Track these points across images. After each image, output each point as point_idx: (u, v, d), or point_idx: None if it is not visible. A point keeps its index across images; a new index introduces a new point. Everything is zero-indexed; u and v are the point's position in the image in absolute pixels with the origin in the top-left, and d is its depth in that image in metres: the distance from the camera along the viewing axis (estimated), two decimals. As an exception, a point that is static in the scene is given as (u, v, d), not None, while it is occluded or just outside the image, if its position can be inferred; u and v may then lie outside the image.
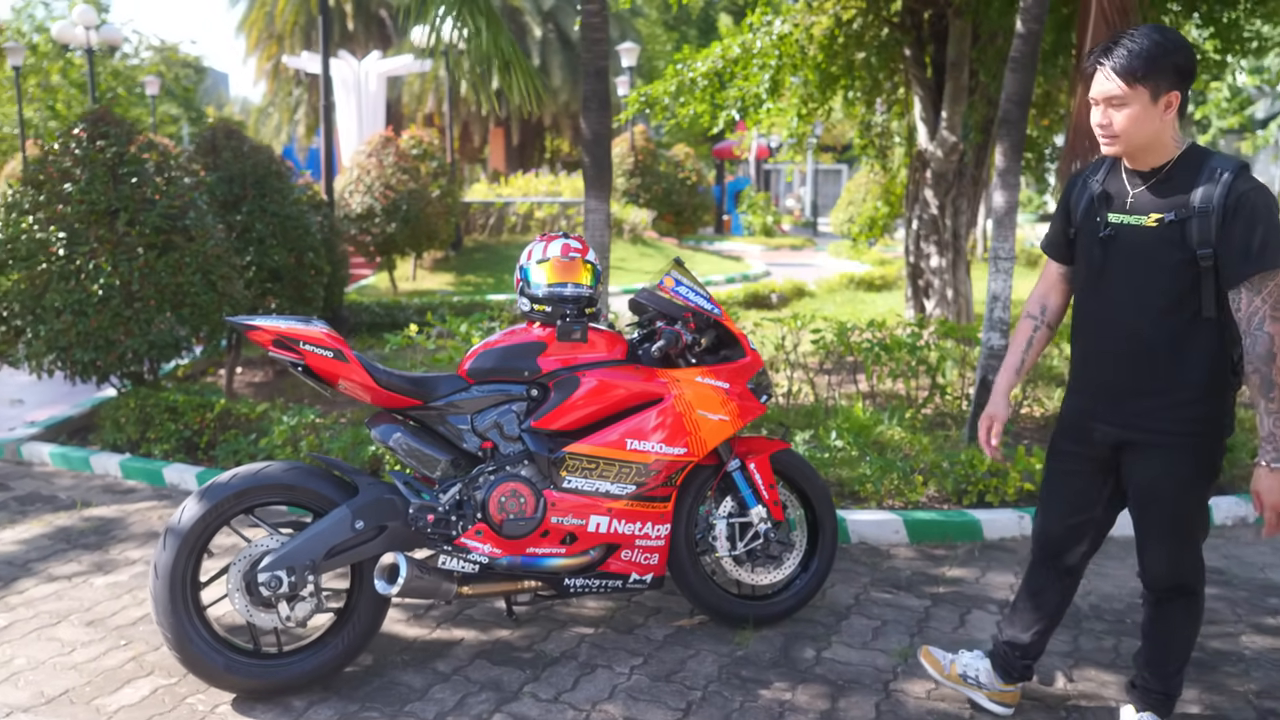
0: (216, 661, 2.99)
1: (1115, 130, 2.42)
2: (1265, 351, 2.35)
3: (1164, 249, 2.43)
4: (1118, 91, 2.38)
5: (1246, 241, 2.34)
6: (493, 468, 3.23)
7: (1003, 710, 2.96)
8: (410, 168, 12.92)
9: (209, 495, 3.02)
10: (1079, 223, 2.62)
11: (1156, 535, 2.64)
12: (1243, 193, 2.35)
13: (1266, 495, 2.42)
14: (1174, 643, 2.72)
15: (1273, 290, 2.35)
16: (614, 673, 3.25)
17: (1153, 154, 2.46)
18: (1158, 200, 2.46)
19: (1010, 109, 5.34)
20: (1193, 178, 2.42)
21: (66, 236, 5.25)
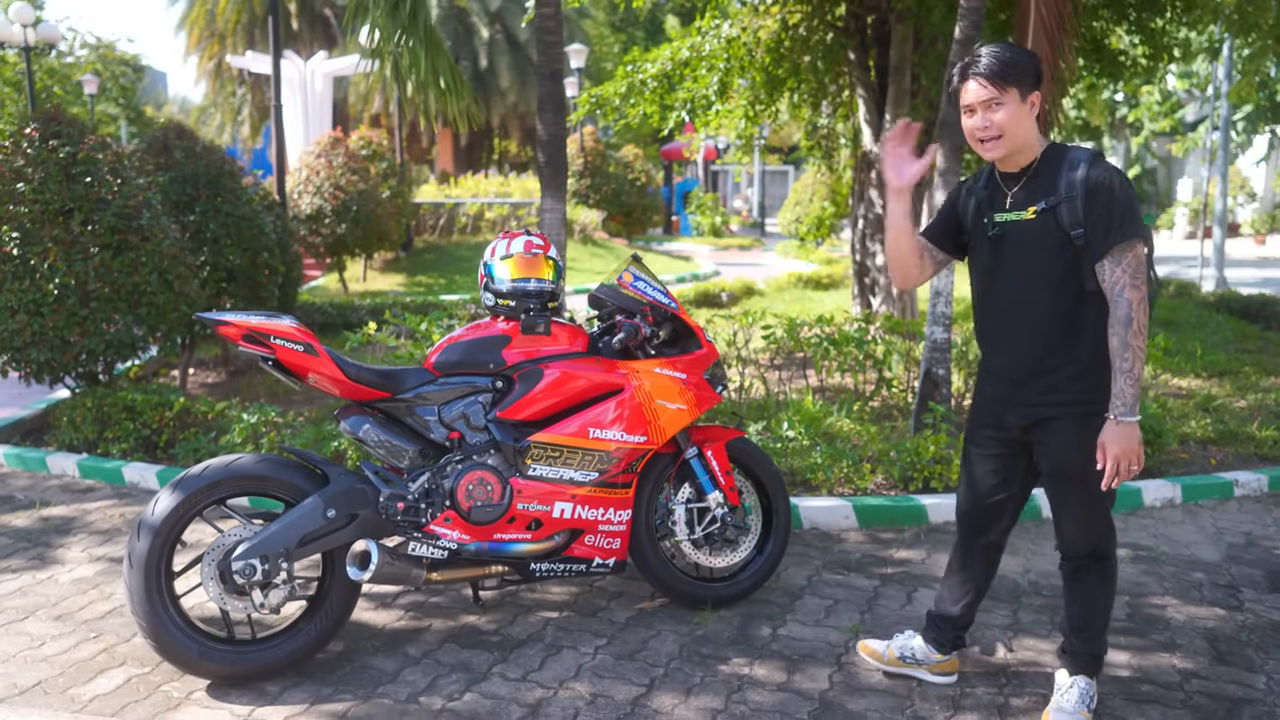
0: (191, 649, 3.06)
1: (997, 130, 2.65)
2: (1124, 316, 2.57)
3: (1044, 236, 2.67)
4: (990, 95, 2.64)
5: (1106, 218, 2.58)
6: (460, 457, 3.34)
7: (945, 679, 3.15)
8: (360, 168, 12.90)
9: (182, 487, 3.09)
10: (970, 229, 2.86)
11: (1069, 504, 2.83)
12: (1099, 176, 2.61)
13: (1110, 446, 2.58)
14: (1095, 606, 2.90)
15: (1131, 260, 2.59)
16: (579, 653, 3.37)
17: (1023, 154, 2.71)
18: (1032, 194, 2.70)
19: (950, 112, 5.55)
20: (1057, 170, 2.67)
21: (20, 236, 5.24)
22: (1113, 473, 2.60)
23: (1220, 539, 4.43)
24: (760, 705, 3.04)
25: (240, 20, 26.79)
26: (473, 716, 2.98)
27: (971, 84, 2.67)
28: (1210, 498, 4.91)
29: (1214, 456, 5.42)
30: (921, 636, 3.16)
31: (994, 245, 2.77)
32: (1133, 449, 2.58)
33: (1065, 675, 2.95)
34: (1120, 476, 2.60)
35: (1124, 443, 2.58)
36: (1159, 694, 3.10)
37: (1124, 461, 2.59)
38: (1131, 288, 2.57)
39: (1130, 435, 2.58)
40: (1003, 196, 2.77)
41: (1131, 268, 2.58)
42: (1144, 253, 2.61)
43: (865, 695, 3.10)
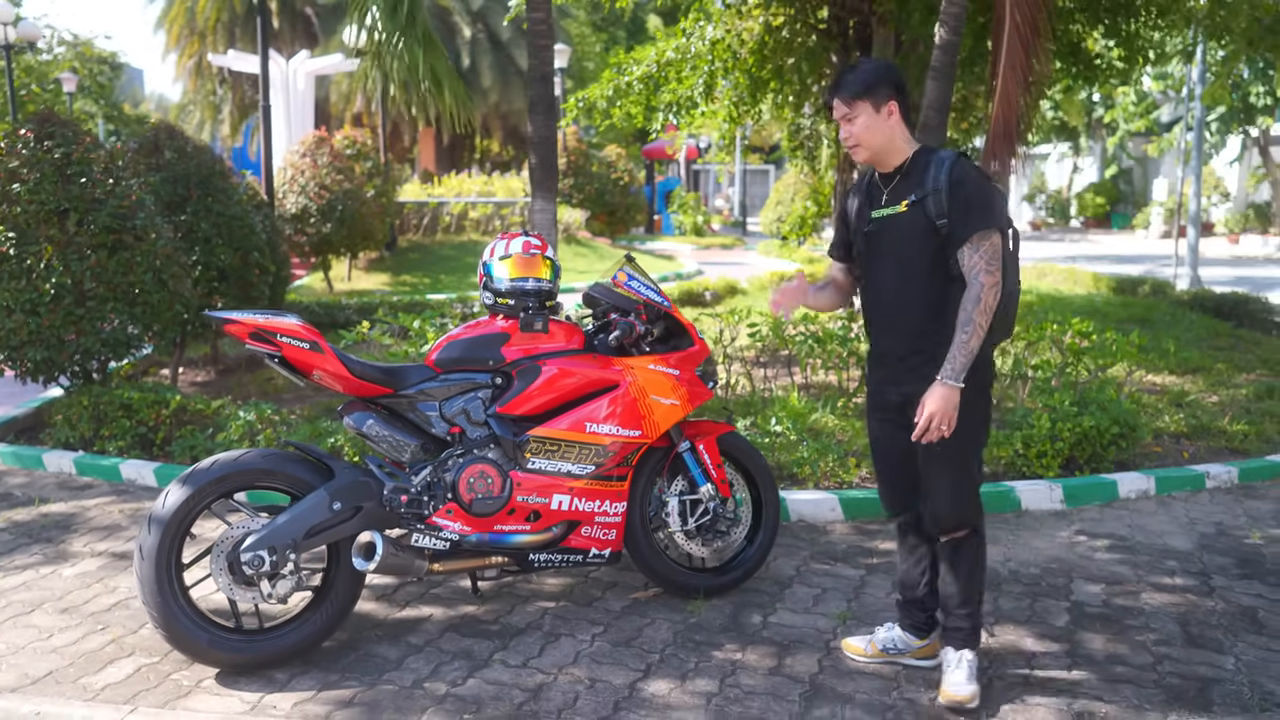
0: (201, 638, 3.15)
1: (855, 139, 2.94)
2: (975, 294, 2.81)
3: (914, 226, 2.92)
4: (847, 110, 2.93)
5: (966, 209, 2.83)
6: (461, 451, 3.44)
7: (930, 663, 3.28)
8: (345, 168, 12.94)
9: (191, 481, 3.18)
10: (854, 225, 3.13)
11: (939, 479, 3.00)
12: (960, 172, 2.86)
13: (930, 404, 2.80)
14: (970, 580, 3.06)
15: (988, 249, 2.82)
16: (577, 640, 3.48)
17: (892, 156, 2.97)
18: (904, 191, 2.95)
19: (931, 115, 5.71)
20: (925, 168, 2.91)
21: (16, 236, 5.29)
22: (924, 428, 2.81)
23: (1192, 529, 4.59)
24: (753, 689, 3.16)
25: (220, 18, 26.66)
26: (476, 701, 3.08)
27: (833, 101, 2.96)
28: (1183, 489, 5.07)
29: (1186, 450, 5.58)
30: (900, 626, 3.30)
31: (872, 239, 3.03)
32: (948, 411, 2.79)
33: (953, 651, 3.07)
34: (929, 434, 2.81)
35: (942, 404, 2.79)
36: (1133, 675, 3.24)
37: (937, 419, 2.79)
38: (986, 272, 2.81)
39: (950, 399, 2.79)
40: (879, 194, 3.02)
41: (988, 255, 2.82)
42: (1000, 243, 2.83)
43: (853, 678, 3.23)
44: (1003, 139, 5.30)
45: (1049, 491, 4.85)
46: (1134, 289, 12.79)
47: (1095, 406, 5.18)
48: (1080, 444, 5.08)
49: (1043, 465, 5.02)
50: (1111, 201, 33.21)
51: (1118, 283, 13.22)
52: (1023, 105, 5.20)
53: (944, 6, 5.41)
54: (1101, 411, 5.12)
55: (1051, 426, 5.04)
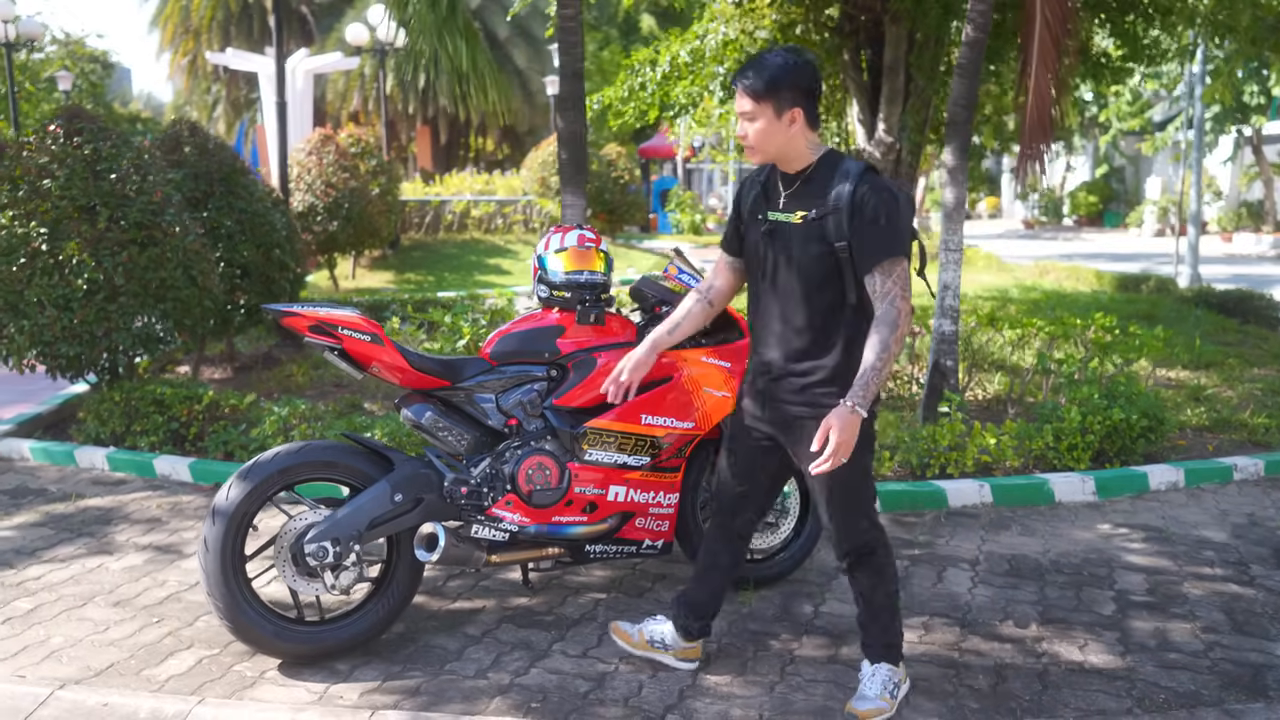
0: (266, 630, 3.16)
1: (750, 141, 2.77)
2: (892, 320, 2.65)
3: (808, 243, 2.75)
4: (747, 108, 2.73)
5: (874, 235, 2.66)
6: (518, 443, 3.46)
7: (687, 665, 3.21)
8: (350, 166, 12.92)
9: (254, 473, 3.20)
10: (746, 219, 2.94)
11: (828, 507, 2.92)
12: (865, 194, 2.68)
13: (836, 430, 2.58)
14: (875, 599, 3.00)
15: (900, 275, 2.68)
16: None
17: (792, 161, 2.79)
18: (801, 200, 2.78)
19: (957, 111, 5.75)
20: (828, 180, 2.74)
21: (48, 232, 5.28)
22: (828, 455, 2.60)
23: (1225, 520, 4.64)
24: (814, 677, 3.19)
25: (215, 17, 26.62)
26: (541, 691, 3.10)
27: (738, 92, 2.77)
28: (1211, 481, 5.13)
29: (1211, 443, 5.64)
30: (672, 623, 3.21)
31: (765, 241, 2.85)
32: (851, 439, 2.62)
33: (867, 664, 3.02)
34: (832, 462, 2.60)
35: (848, 431, 2.60)
36: (1187, 661, 3.28)
37: (842, 448, 2.60)
38: (903, 299, 2.67)
39: (854, 425, 2.62)
40: (778, 195, 2.84)
41: (901, 281, 2.68)
42: (908, 267, 2.71)
43: (912, 665, 3.25)
44: (1037, 132, 5.35)
45: (1081, 484, 4.90)
46: (1137, 286, 12.88)
47: (1123, 400, 5.23)
48: (1110, 437, 5.13)
49: (1073, 458, 5.07)
50: (1104, 200, 33.41)
51: (1120, 280, 13.31)
52: (1053, 99, 5.25)
53: (971, 4, 5.45)
54: (1130, 404, 5.18)
55: (1082, 419, 5.09)
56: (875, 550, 3.00)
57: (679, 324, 3.15)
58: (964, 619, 3.62)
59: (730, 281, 3.11)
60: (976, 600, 3.77)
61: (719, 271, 3.14)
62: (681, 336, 3.17)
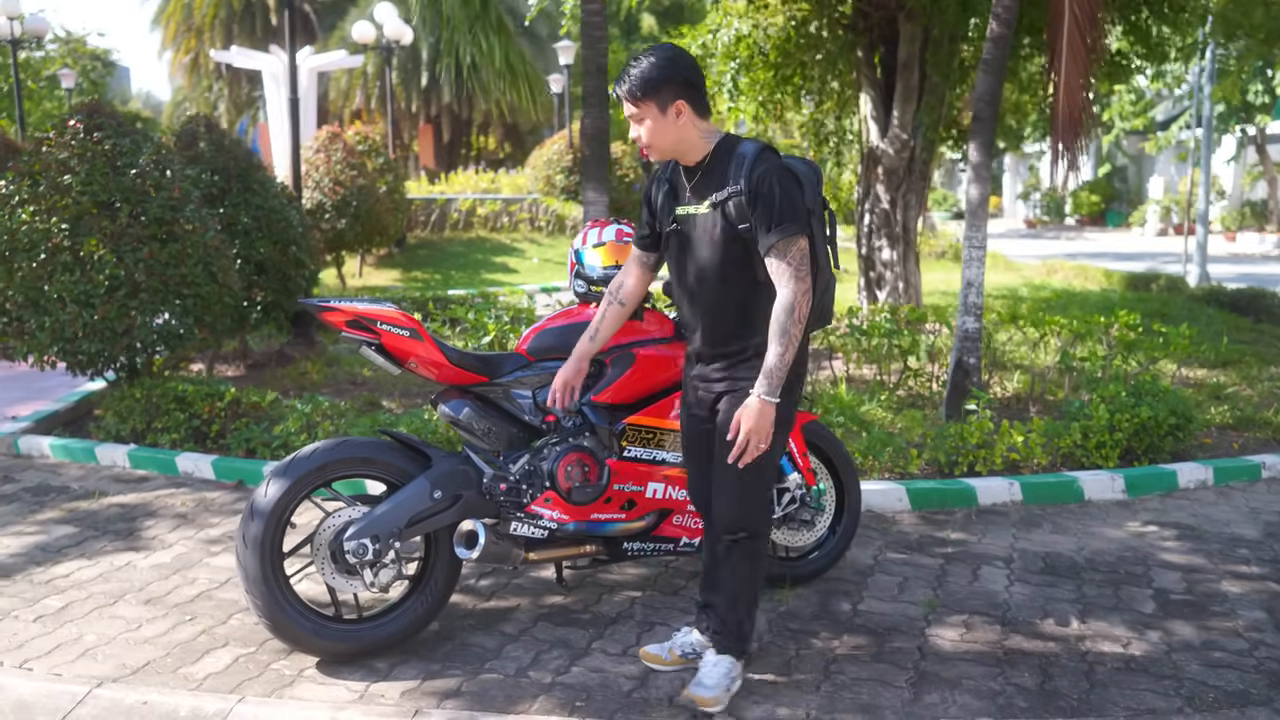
0: (305, 627, 3.13)
1: (644, 142, 2.83)
2: (787, 303, 2.70)
3: (715, 230, 2.81)
4: (633, 110, 2.80)
5: (768, 215, 2.71)
6: (557, 439, 3.43)
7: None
8: (357, 163, 12.88)
9: (292, 469, 3.16)
10: (660, 216, 3.01)
11: (729, 485, 2.91)
12: (760, 174, 2.73)
13: (746, 421, 2.69)
14: (742, 585, 2.98)
15: (795, 254, 2.72)
16: (671, 629, 3.47)
17: (688, 152, 2.84)
18: (704, 189, 2.84)
19: (981, 107, 5.72)
20: (726, 165, 2.80)
21: (69, 228, 5.24)
22: (742, 446, 2.68)
23: (1256, 518, 4.62)
24: (859, 676, 3.16)
25: (218, 15, 26.56)
26: (584, 689, 3.07)
27: (623, 100, 2.82)
28: (1240, 480, 5.11)
29: (1236, 441, 5.62)
30: (697, 629, 3.16)
31: (677, 237, 2.93)
32: (765, 428, 2.69)
33: (712, 653, 3.01)
34: (748, 454, 2.68)
35: (759, 420, 2.68)
36: (1232, 660, 3.26)
37: (755, 438, 2.68)
38: (795, 279, 2.70)
39: (767, 415, 2.69)
40: (683, 189, 2.90)
41: (795, 260, 2.72)
42: (806, 246, 2.74)
43: (956, 664, 3.23)
44: (1068, 128, 5.32)
45: (1111, 481, 4.87)
46: (1146, 285, 12.87)
47: (1150, 397, 5.21)
48: (1138, 435, 5.11)
49: (1101, 456, 5.05)
50: (1106, 199, 33.40)
51: (1130, 279, 13.30)
52: (1084, 94, 5.23)
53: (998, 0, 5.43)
54: (1158, 402, 5.15)
55: (1110, 417, 5.06)
56: (760, 535, 3.01)
57: (598, 329, 3.22)
58: (1004, 617, 3.59)
59: (640, 278, 3.17)
60: (1015, 598, 3.74)
61: (629, 269, 3.19)
62: (603, 341, 3.24)
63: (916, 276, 9.78)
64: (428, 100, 25.82)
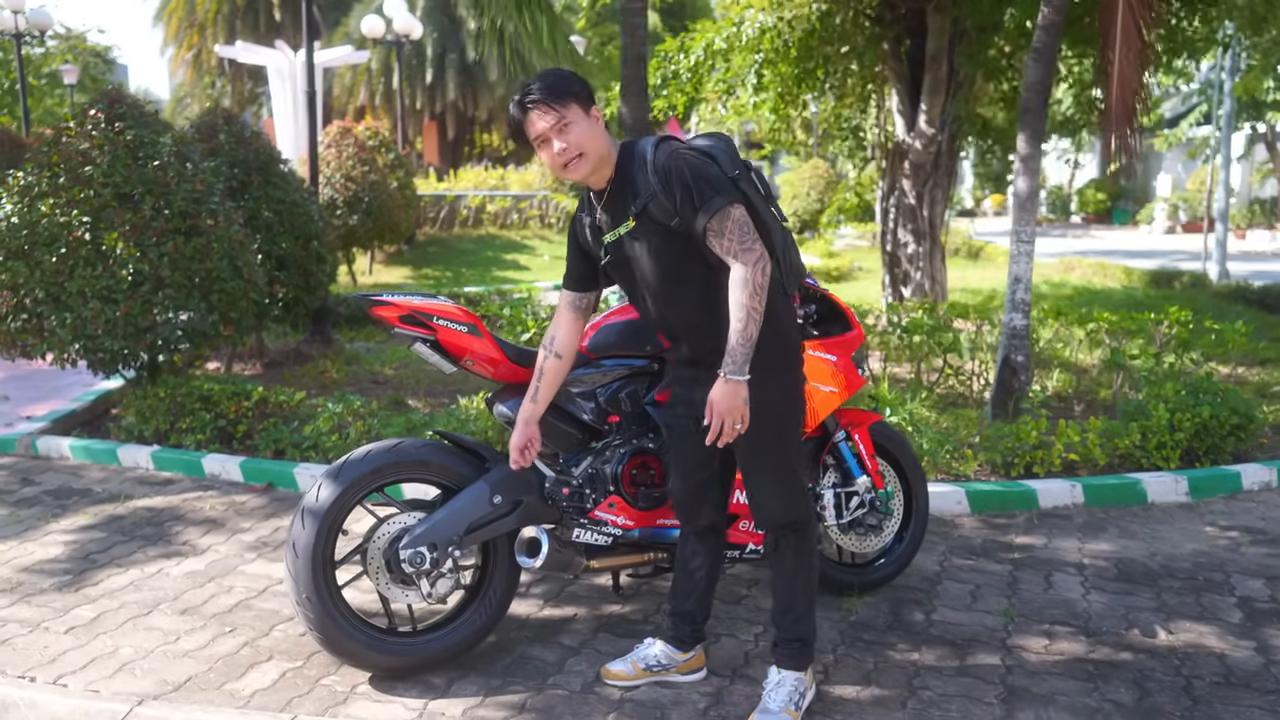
0: (360, 641, 2.95)
1: (574, 149, 2.59)
2: (740, 278, 2.54)
3: (650, 237, 2.65)
4: (556, 118, 2.57)
5: (689, 200, 2.56)
6: (620, 440, 3.25)
7: (695, 677, 3.03)
8: (368, 159, 12.70)
9: (345, 473, 2.98)
10: (592, 251, 2.83)
11: (760, 478, 2.78)
12: (664, 163, 2.59)
13: (716, 403, 2.55)
14: (798, 582, 2.84)
15: (731, 227, 2.57)
16: (739, 640, 3.30)
17: (604, 166, 2.67)
18: (622, 205, 2.68)
19: (1031, 98, 5.55)
20: (632, 171, 2.65)
21: (91, 221, 5.05)
22: (717, 429, 2.56)
23: (1329, 521, 4.45)
24: (944, 691, 2.98)
25: (221, 11, 26.35)
26: (657, 706, 2.90)
27: (533, 114, 2.60)
28: (1305, 480, 4.93)
29: (1293, 441, 5.45)
30: (661, 640, 3.04)
31: (617, 265, 2.76)
32: (737, 407, 2.55)
33: (775, 671, 2.84)
34: (725, 435, 2.57)
35: (730, 400, 2.55)
36: (1336, 673, 3.08)
37: (729, 419, 2.56)
38: (742, 252, 2.56)
39: (736, 394, 2.55)
40: (603, 218, 2.74)
41: (736, 233, 2.57)
42: (742, 214, 2.58)
43: (1045, 679, 3.06)
44: (1122, 118, 5.16)
45: (1175, 484, 4.70)
46: (1169, 282, 12.70)
47: (1209, 396, 5.04)
48: (1198, 435, 4.94)
49: (1162, 457, 4.87)
50: (1112, 197, 33.23)
51: (1152, 276, 13.12)
52: (1138, 83, 5.06)
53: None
54: (1219, 401, 4.98)
55: (1170, 417, 4.89)
56: (805, 525, 2.85)
57: (538, 388, 2.97)
58: (1086, 627, 3.41)
59: (571, 325, 2.96)
60: (1094, 607, 3.57)
61: (559, 319, 2.97)
62: (546, 399, 2.98)
63: (942, 273, 9.60)
64: (432, 97, 25.62)
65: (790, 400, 2.80)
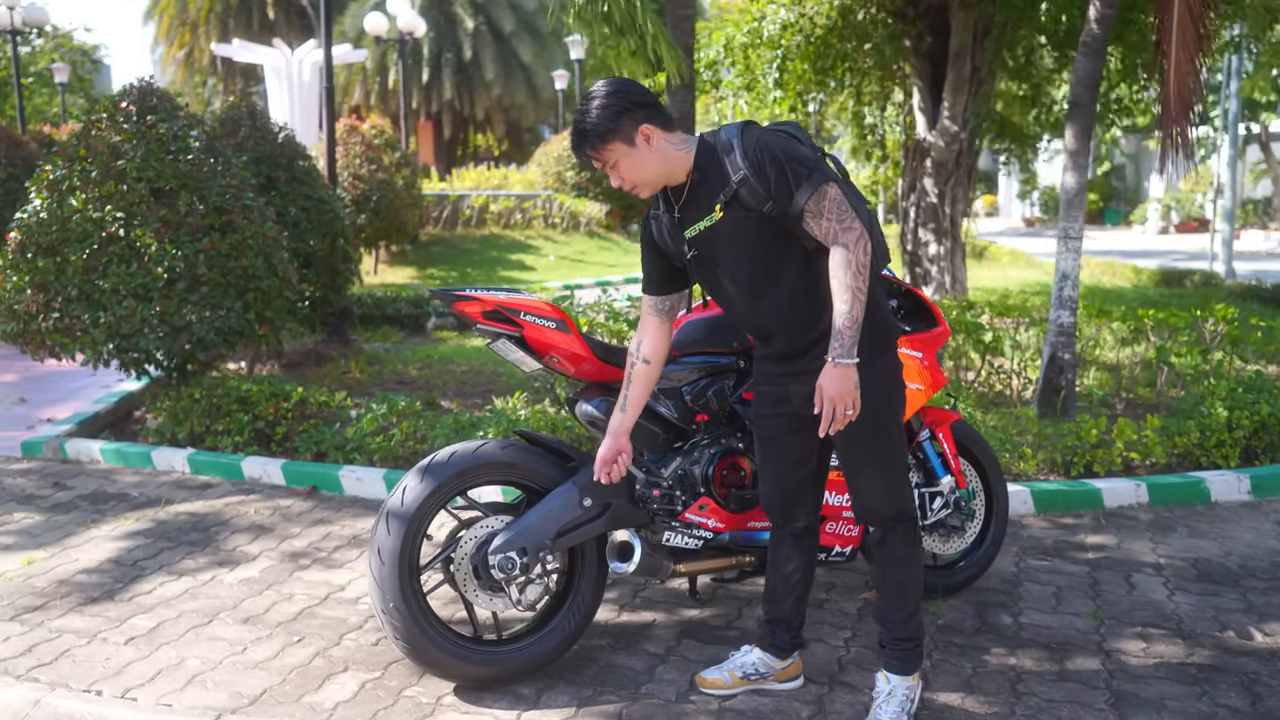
0: (448, 651, 2.83)
1: (630, 183, 2.58)
2: (841, 259, 2.45)
3: (741, 225, 2.55)
4: (602, 159, 2.54)
5: (784, 179, 2.47)
6: (707, 440, 3.14)
7: (793, 685, 2.93)
8: (375, 157, 12.55)
9: (431, 475, 2.87)
10: (673, 251, 2.72)
11: (867, 469, 2.69)
12: (755, 145, 2.51)
13: (827, 388, 2.44)
14: (908, 577, 2.74)
15: (829, 206, 2.47)
16: (830, 646, 3.20)
17: (676, 172, 2.59)
18: (707, 196, 2.57)
19: (1080, 92, 5.48)
20: (717, 160, 2.55)
21: (124, 216, 4.91)
22: (829, 416, 2.46)
23: (1397, 520, 4.38)
24: (1051, 697, 2.89)
25: (213, 9, 26.10)
26: (756, 715, 2.79)
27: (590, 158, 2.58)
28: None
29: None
30: (759, 647, 2.92)
31: (700, 261, 2.66)
32: (849, 392, 2.44)
33: (884, 679, 2.74)
34: (837, 422, 2.46)
35: (841, 385, 2.44)
36: None
37: (840, 405, 2.45)
38: (843, 231, 2.46)
39: (847, 378, 2.44)
40: (686, 215, 2.64)
41: (835, 212, 2.47)
42: (837, 192, 2.48)
43: (1150, 682, 2.97)
44: (1179, 112, 5.09)
45: (1237, 482, 4.63)
46: (1180, 281, 12.69)
47: (1266, 394, 4.97)
48: (1257, 433, 4.87)
49: (1221, 455, 4.80)
50: (1104, 198, 33.40)
51: (1161, 275, 13.12)
52: (1194, 77, 4.99)
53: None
54: (1276, 399, 4.92)
55: (1229, 414, 4.82)
56: (914, 516, 2.76)
57: (627, 397, 2.84)
58: (1180, 629, 3.33)
59: (659, 329, 2.84)
60: (1182, 609, 3.49)
61: (645, 325, 2.85)
62: (637, 410, 2.85)
63: (963, 272, 9.55)
64: (428, 96, 25.46)
65: (894, 385, 2.70)
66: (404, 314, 9.66)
